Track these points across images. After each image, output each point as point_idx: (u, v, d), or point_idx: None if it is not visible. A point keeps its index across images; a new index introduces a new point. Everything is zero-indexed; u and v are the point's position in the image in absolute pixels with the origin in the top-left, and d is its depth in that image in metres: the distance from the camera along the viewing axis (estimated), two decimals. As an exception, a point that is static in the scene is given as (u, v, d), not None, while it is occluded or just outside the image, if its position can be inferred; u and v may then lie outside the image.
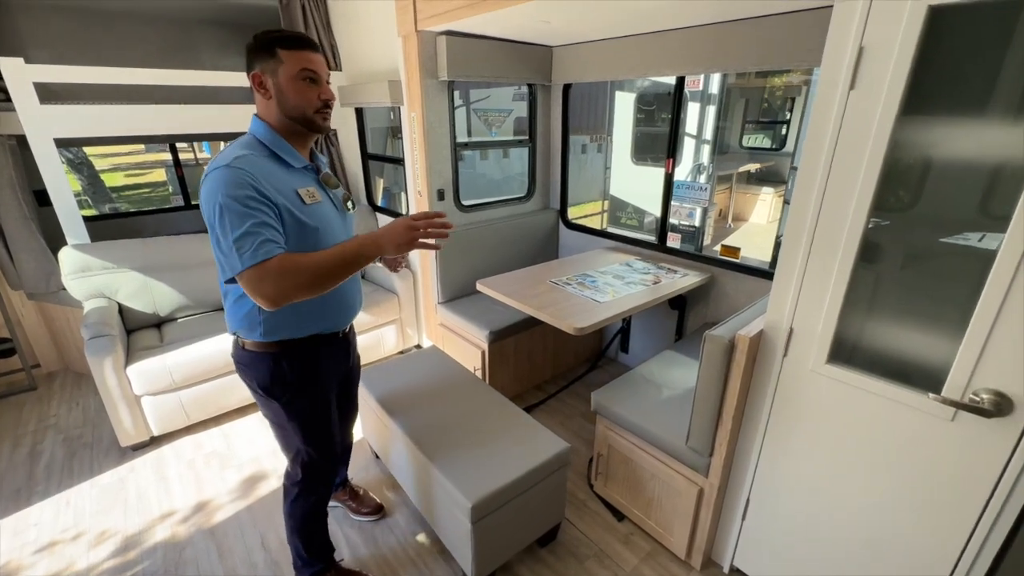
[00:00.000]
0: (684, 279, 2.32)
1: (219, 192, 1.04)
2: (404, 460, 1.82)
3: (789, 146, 6.01)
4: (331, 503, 1.94)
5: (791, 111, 6.03)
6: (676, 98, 2.41)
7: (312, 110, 1.18)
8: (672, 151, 2.49)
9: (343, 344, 1.47)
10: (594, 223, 5.78)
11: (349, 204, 1.38)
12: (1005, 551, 1.08)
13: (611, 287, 2.19)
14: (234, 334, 1.31)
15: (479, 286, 2.28)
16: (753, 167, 6.39)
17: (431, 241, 1.14)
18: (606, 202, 5.87)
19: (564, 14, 1.97)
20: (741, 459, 1.53)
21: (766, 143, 6.37)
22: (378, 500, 1.99)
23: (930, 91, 1.02)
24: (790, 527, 1.47)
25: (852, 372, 1.22)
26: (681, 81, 2.36)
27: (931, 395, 1.08)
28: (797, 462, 1.40)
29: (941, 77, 1.02)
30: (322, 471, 1.47)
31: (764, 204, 6.43)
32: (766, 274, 2.25)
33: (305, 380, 1.33)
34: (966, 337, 1.03)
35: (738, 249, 2.36)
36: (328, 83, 1.22)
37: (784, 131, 6.14)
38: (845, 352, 1.25)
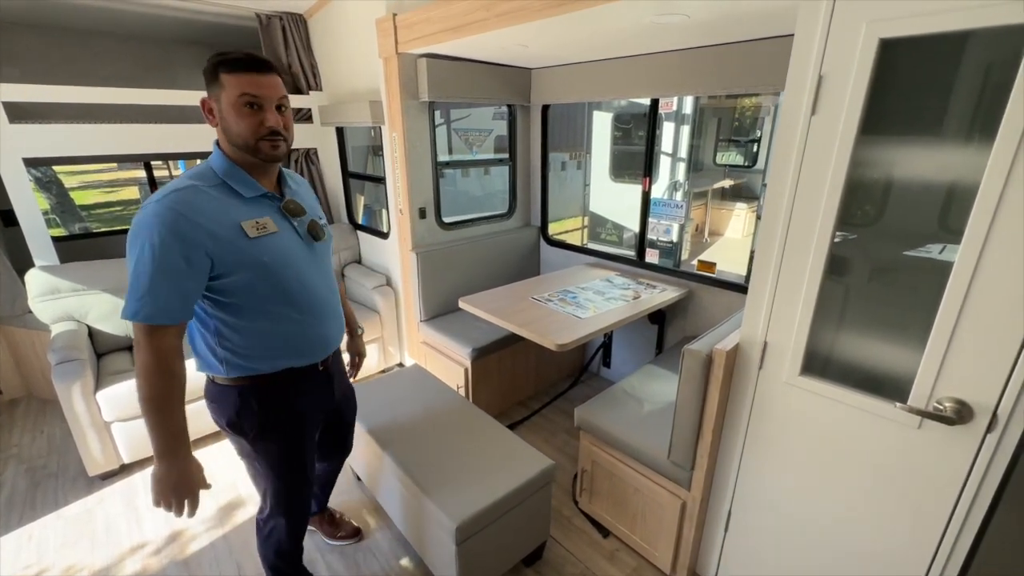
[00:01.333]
0: (663, 294, 2.37)
1: (143, 226, 1.01)
2: (387, 482, 1.80)
3: (761, 163, 6.23)
4: (308, 528, 1.86)
5: (761, 129, 6.27)
6: (651, 119, 2.49)
7: (255, 138, 1.10)
8: (648, 169, 2.56)
9: (322, 378, 1.35)
10: (575, 238, 5.86)
11: (318, 232, 1.27)
12: (974, 552, 1.11)
13: (592, 303, 2.22)
14: (200, 370, 1.24)
15: (462, 304, 2.29)
16: (727, 183, 6.58)
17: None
18: (586, 218, 5.97)
19: (541, 39, 2.03)
20: (722, 471, 1.55)
21: (738, 160, 6.58)
22: (355, 524, 1.95)
23: (885, 115, 1.09)
24: (772, 537, 1.49)
25: (824, 383, 1.26)
26: (655, 103, 2.45)
27: (898, 404, 1.12)
28: (776, 473, 1.43)
29: (896, 102, 1.08)
30: (294, 510, 1.41)
31: (738, 219, 6.62)
32: (741, 288, 2.32)
33: (275, 418, 1.26)
34: (928, 347, 1.08)
35: (714, 264, 2.43)
36: (281, 109, 1.13)
37: (755, 148, 6.36)
38: (817, 364, 1.29)
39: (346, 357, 1.67)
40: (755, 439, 1.45)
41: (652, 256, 2.66)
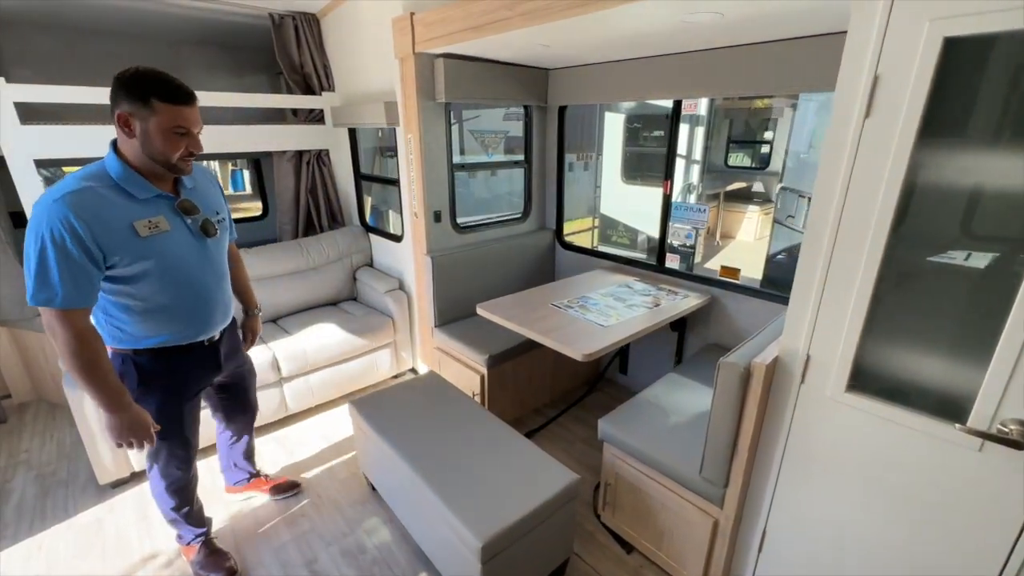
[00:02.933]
0: (685, 301, 2.30)
1: (42, 221, 1.11)
2: (406, 494, 1.74)
3: (774, 165, 6.14)
4: (248, 493, 2.10)
5: (774, 131, 6.18)
6: (673, 121, 2.42)
7: (177, 158, 1.25)
8: (669, 173, 2.50)
9: (207, 351, 1.51)
10: (583, 240, 5.79)
11: (211, 229, 1.40)
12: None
13: (614, 310, 2.16)
14: None
15: (480, 310, 2.23)
16: (741, 185, 6.51)
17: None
18: (596, 220, 5.90)
19: (564, 38, 1.97)
20: (756, 489, 1.49)
21: (750, 162, 6.50)
22: (291, 479, 2.15)
23: (947, 117, 1.02)
24: (811, 558, 1.42)
25: (873, 401, 1.20)
26: (678, 104, 2.38)
27: (957, 426, 1.06)
28: (816, 492, 1.36)
29: (959, 104, 1.02)
30: (169, 462, 1.56)
31: (750, 222, 6.53)
32: (766, 295, 2.25)
33: (153, 383, 1.42)
34: (992, 364, 1.01)
35: (738, 270, 2.36)
36: (198, 134, 1.28)
37: (768, 151, 6.28)
38: (865, 380, 1.22)
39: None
40: (794, 457, 1.38)
41: (672, 261, 2.60)
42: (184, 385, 1.50)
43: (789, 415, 1.36)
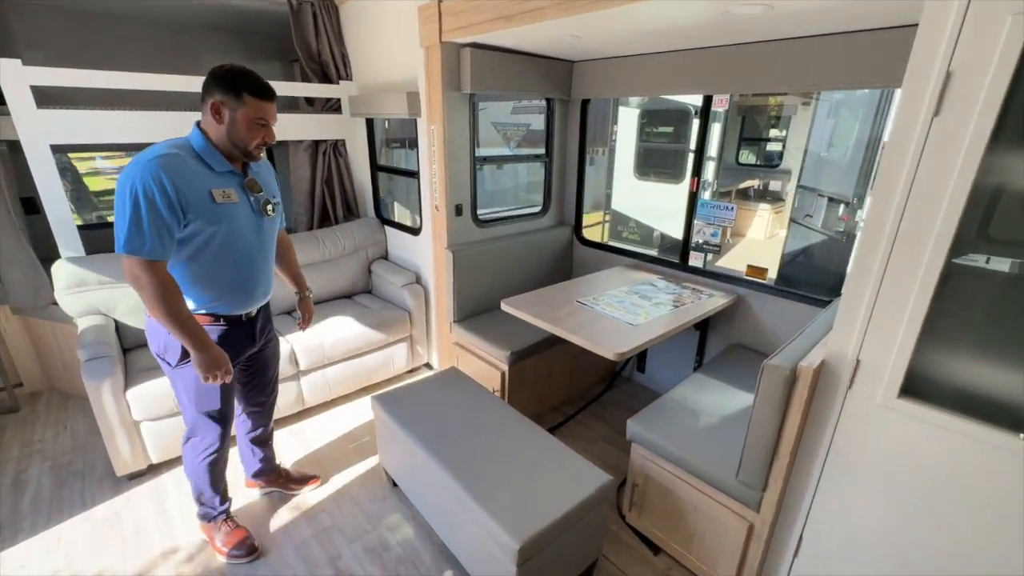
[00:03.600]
0: (711, 300, 2.27)
1: (135, 179, 1.24)
2: (433, 492, 1.72)
3: (786, 163, 6.09)
4: (265, 489, 2.10)
5: (787, 129, 6.12)
6: (703, 116, 2.38)
7: (253, 145, 1.42)
8: (698, 170, 2.45)
9: (246, 328, 1.61)
10: (592, 235, 5.72)
11: (269, 209, 1.55)
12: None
13: (641, 308, 2.13)
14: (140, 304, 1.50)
15: (504, 306, 2.20)
16: (752, 183, 6.45)
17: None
18: (606, 215, 5.85)
19: (598, 29, 1.92)
20: (795, 494, 1.46)
21: (763, 159, 6.44)
22: (310, 473, 2.16)
23: None
24: (849, 564, 1.40)
25: (927, 408, 1.16)
26: (708, 100, 2.34)
27: (1022, 435, 1.03)
28: (859, 499, 1.34)
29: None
30: (206, 434, 1.64)
31: (761, 220, 6.48)
32: (793, 295, 2.21)
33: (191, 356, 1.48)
34: (1061, 375, 0.98)
35: (765, 269, 2.33)
36: (273, 126, 1.45)
37: (780, 148, 6.22)
38: (919, 386, 1.19)
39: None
40: (837, 463, 1.36)
41: (696, 259, 2.56)
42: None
43: (833, 420, 1.33)
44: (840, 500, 1.37)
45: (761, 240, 6.44)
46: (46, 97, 2.39)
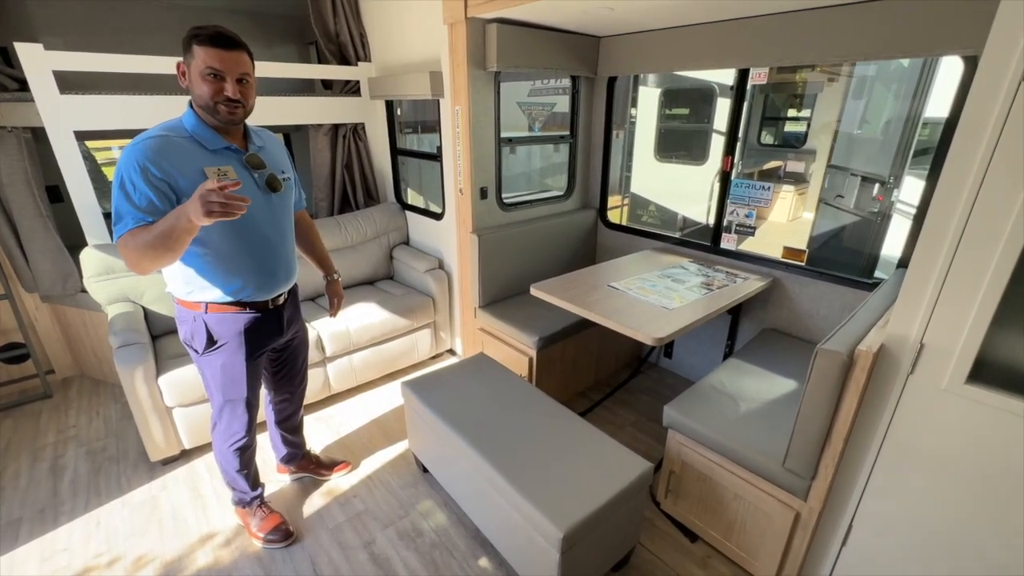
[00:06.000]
0: (747, 283, 2.20)
1: (120, 166, 1.22)
2: (467, 478, 1.70)
3: (811, 143, 5.90)
4: (296, 475, 2.09)
5: (812, 108, 5.92)
6: (738, 93, 2.28)
7: (213, 102, 1.28)
8: (731, 149, 2.36)
9: (273, 315, 1.56)
10: (613, 217, 5.63)
11: (276, 184, 1.45)
12: None
13: (675, 292, 2.07)
14: (168, 293, 1.50)
15: (534, 291, 2.15)
16: (777, 164, 6.27)
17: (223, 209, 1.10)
18: (625, 199, 5.74)
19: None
20: (845, 482, 1.41)
21: (783, 140, 6.25)
22: (339, 459, 2.16)
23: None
24: (896, 558, 1.35)
25: (1000, 394, 1.10)
26: (744, 75, 2.24)
27: (1108, 423, 0.96)
28: (916, 488, 1.28)
29: None
30: (233, 419, 1.62)
31: (784, 202, 6.31)
32: (833, 277, 2.14)
33: (220, 339, 1.48)
34: None
35: (803, 252, 2.25)
36: (242, 82, 1.30)
37: (805, 127, 6.02)
38: (990, 371, 1.13)
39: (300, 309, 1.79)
40: (894, 450, 1.30)
41: (729, 242, 2.48)
42: (249, 344, 1.53)
43: (891, 406, 1.28)
44: (895, 489, 1.32)
45: (784, 223, 6.29)
46: (65, 83, 2.37)
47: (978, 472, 1.17)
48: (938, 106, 2.97)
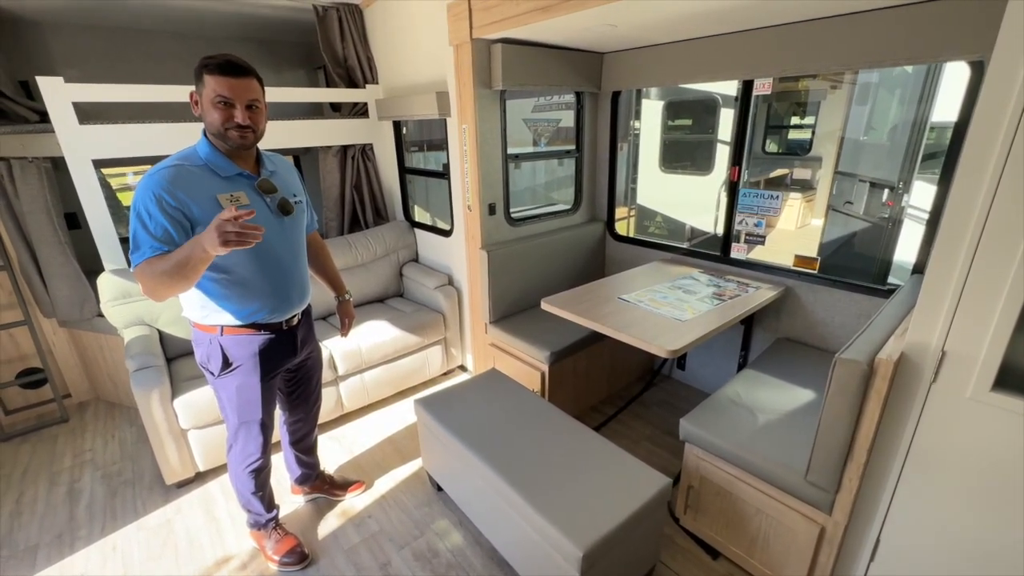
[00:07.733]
0: (759, 292, 2.19)
1: (137, 196, 1.26)
2: (483, 497, 1.68)
3: (816, 150, 5.89)
4: (311, 496, 2.09)
5: (816, 115, 5.93)
6: (742, 103, 2.29)
7: (223, 129, 1.31)
8: (738, 159, 2.37)
9: (287, 336, 1.58)
10: (620, 230, 5.64)
11: (288, 208, 1.48)
12: None
13: (686, 303, 2.06)
14: (184, 317, 1.52)
15: (544, 305, 2.15)
16: (783, 172, 6.27)
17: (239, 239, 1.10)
18: (631, 210, 5.75)
19: (635, 15, 1.86)
20: (870, 495, 1.38)
21: (791, 147, 6.25)
22: (354, 479, 2.15)
23: None
24: (932, 568, 1.31)
25: (1027, 401, 1.08)
26: (748, 86, 2.25)
27: None
28: (943, 499, 1.25)
29: None
30: (248, 441, 1.62)
31: (791, 209, 6.29)
32: (848, 285, 2.11)
33: (235, 362, 1.50)
34: None
35: (815, 259, 2.23)
36: (252, 108, 1.32)
37: (809, 136, 6.02)
38: (1013, 378, 1.11)
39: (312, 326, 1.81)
40: (919, 461, 1.27)
41: (739, 251, 2.47)
42: (263, 365, 1.54)
43: (914, 416, 1.25)
44: (922, 500, 1.29)
45: (792, 230, 6.25)
46: (84, 113, 2.44)
47: (1009, 481, 1.14)
48: (945, 110, 2.97)
